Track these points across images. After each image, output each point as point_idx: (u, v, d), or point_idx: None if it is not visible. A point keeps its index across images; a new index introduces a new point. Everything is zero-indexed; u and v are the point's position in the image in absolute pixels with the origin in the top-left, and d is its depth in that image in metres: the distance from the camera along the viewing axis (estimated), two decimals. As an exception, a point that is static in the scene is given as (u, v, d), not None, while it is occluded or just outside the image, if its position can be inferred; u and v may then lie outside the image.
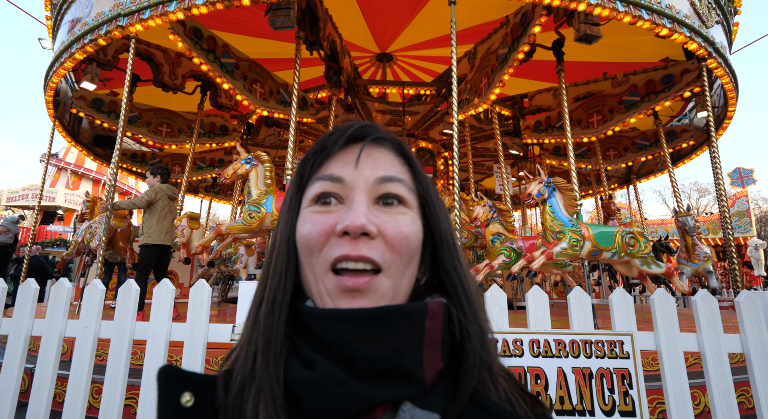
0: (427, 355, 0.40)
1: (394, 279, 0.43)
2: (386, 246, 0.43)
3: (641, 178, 9.11)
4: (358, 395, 0.37)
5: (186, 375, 0.42)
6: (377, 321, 0.40)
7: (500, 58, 5.06)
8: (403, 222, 0.44)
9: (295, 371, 0.39)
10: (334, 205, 0.44)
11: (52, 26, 5.90)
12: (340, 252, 0.42)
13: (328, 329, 0.40)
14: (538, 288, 1.94)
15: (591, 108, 6.85)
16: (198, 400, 0.41)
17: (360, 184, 0.44)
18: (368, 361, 0.39)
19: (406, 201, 0.46)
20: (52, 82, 5.60)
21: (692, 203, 27.00)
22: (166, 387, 0.41)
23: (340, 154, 0.46)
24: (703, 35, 4.55)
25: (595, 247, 3.97)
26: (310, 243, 0.43)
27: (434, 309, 0.42)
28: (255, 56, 6.00)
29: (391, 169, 0.46)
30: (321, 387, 0.37)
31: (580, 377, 1.84)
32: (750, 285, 11.83)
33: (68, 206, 19.96)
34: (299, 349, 0.41)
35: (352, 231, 0.41)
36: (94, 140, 7.94)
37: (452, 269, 0.46)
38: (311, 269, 0.44)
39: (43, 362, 1.90)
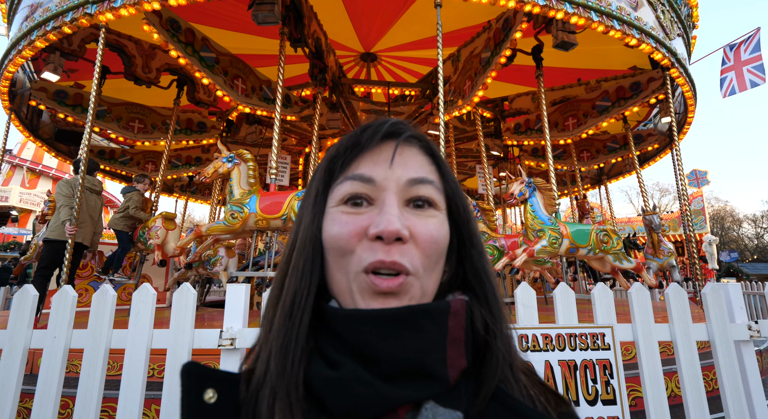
0: (451, 354, 0.40)
1: (422, 281, 0.43)
2: (417, 249, 0.42)
3: (611, 179, 9.58)
4: (383, 395, 0.37)
5: (209, 371, 0.42)
6: (400, 321, 0.39)
7: (483, 61, 5.20)
8: (434, 226, 0.44)
9: (318, 370, 0.39)
10: (365, 207, 0.44)
11: (8, 10, 5.37)
12: (374, 258, 0.41)
13: (351, 330, 0.40)
14: (525, 284, 2.03)
15: (567, 112, 7.15)
16: (221, 397, 0.41)
17: (391, 186, 0.44)
18: (392, 361, 0.39)
19: (436, 203, 0.45)
20: (7, 72, 5.14)
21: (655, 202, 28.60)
22: (189, 384, 0.41)
23: (371, 152, 0.45)
24: (667, 46, 4.86)
25: (572, 244, 4.16)
26: (341, 244, 0.43)
27: (456, 308, 0.42)
28: (237, 51, 5.86)
29: (421, 169, 0.46)
30: (345, 387, 0.37)
31: (566, 369, 1.93)
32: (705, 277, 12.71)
33: (24, 206, 18.69)
34: (323, 349, 0.41)
35: (387, 236, 0.41)
36: (56, 135, 7.46)
37: (481, 269, 0.47)
38: (341, 270, 0.43)
39: (4, 378, 1.74)
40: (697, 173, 16.54)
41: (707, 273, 13.21)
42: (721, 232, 28.58)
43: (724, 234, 29.04)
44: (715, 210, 29.38)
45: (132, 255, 5.89)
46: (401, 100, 7.18)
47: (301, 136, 7.81)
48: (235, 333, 1.71)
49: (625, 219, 17.67)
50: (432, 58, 4.10)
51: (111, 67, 5.71)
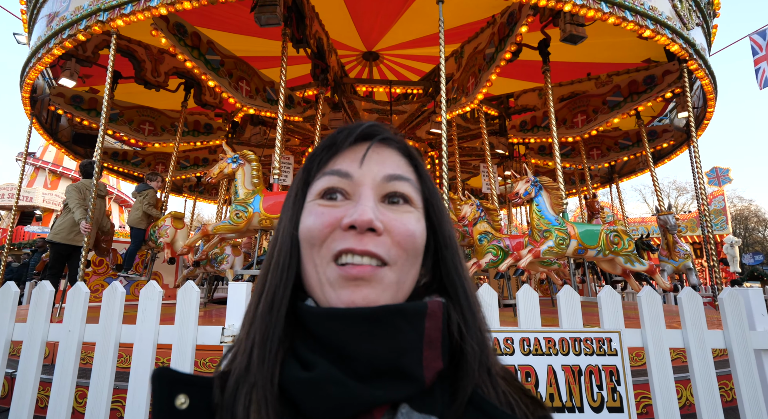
0: (427, 355, 0.40)
1: (399, 275, 0.43)
2: (392, 243, 0.43)
3: (623, 177, 9.31)
4: (356, 395, 0.37)
5: (181, 376, 0.41)
6: (375, 320, 0.39)
7: (487, 57, 5.09)
8: (409, 220, 0.44)
9: (292, 372, 0.39)
10: (341, 200, 0.44)
11: (28, 20, 5.67)
12: (344, 245, 0.41)
13: (325, 328, 0.40)
14: (527, 286, 1.96)
15: (576, 108, 6.96)
16: (193, 402, 0.40)
17: (368, 181, 0.44)
18: (366, 361, 0.38)
19: (412, 200, 0.46)
20: (29, 79, 5.39)
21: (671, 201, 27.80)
22: (160, 390, 0.40)
23: (348, 151, 0.46)
24: (685, 37, 4.67)
25: (580, 245, 4.03)
26: (314, 234, 0.43)
27: (433, 309, 0.42)
28: (241, 54, 5.90)
29: (398, 168, 0.47)
30: (318, 388, 0.37)
31: (570, 374, 1.86)
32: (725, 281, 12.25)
33: (47, 206, 19.38)
34: (297, 350, 0.41)
35: (360, 225, 0.41)
36: (73, 138, 7.69)
37: (454, 270, 0.47)
38: (312, 261, 0.43)
39: (24, 367, 1.86)
40: (718, 171, 15.98)
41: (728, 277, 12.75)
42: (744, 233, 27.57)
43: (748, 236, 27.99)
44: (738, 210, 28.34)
45: (144, 253, 6.04)
46: (403, 99, 7.11)
47: (304, 137, 7.85)
48: (237, 330, 1.72)
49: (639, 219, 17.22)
50: (435, 55, 4.03)
51: (122, 71, 5.86)
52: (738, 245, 13.31)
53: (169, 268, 6.58)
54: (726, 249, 12.82)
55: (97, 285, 5.74)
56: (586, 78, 6.71)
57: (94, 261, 5.95)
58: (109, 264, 6.07)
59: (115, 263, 6.02)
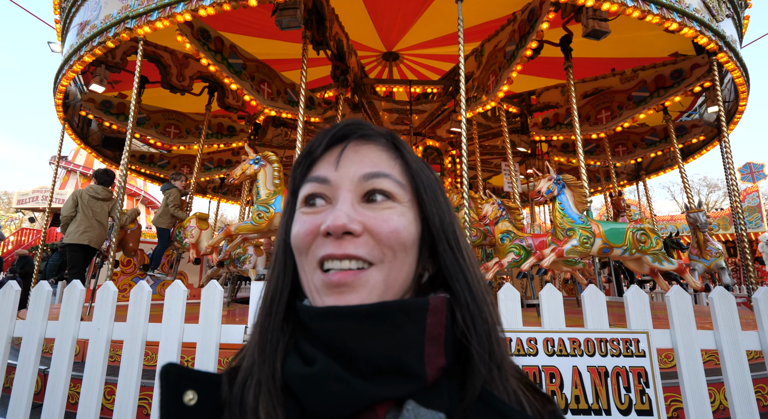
0: (429, 351, 0.39)
1: (386, 273, 0.42)
2: (375, 242, 0.42)
3: (651, 174, 9.00)
4: (357, 392, 0.37)
5: (189, 373, 0.42)
6: (373, 318, 0.39)
7: (508, 55, 5.03)
8: (390, 216, 0.43)
9: (294, 368, 0.39)
10: (321, 206, 0.45)
11: (62, 29, 5.95)
12: (325, 252, 0.42)
13: (324, 327, 0.40)
14: (551, 286, 1.94)
15: (599, 104, 6.78)
16: (201, 398, 0.40)
17: (345, 183, 0.44)
18: (366, 358, 0.38)
19: (394, 195, 0.45)
20: (61, 85, 5.63)
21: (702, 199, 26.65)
22: (168, 386, 0.41)
23: (326, 155, 0.47)
24: (714, 29, 4.48)
25: (605, 244, 3.93)
26: (298, 243, 0.44)
27: (436, 305, 0.41)
28: (262, 57, 6.02)
29: (378, 164, 0.46)
30: (319, 384, 0.37)
31: (596, 376, 1.83)
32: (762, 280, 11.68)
33: (78, 208, 20.07)
34: (299, 346, 0.42)
35: (333, 231, 0.41)
36: (103, 142, 8.02)
37: (452, 264, 0.45)
38: (302, 268, 0.45)
39: (56, 364, 1.90)
40: (752, 166, 15.21)
41: (765, 276, 12.15)
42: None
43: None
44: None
45: (169, 253, 6.24)
46: (423, 98, 7.09)
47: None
48: (258, 329, 1.76)
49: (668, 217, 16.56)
50: (455, 54, 4.01)
51: (149, 77, 6.05)
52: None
53: (194, 268, 6.77)
54: (762, 247, 12.19)
55: (125, 285, 5.93)
56: (610, 73, 6.53)
57: (122, 261, 6.19)
58: (136, 264, 6.28)
59: (142, 263, 6.23)
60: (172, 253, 6.25)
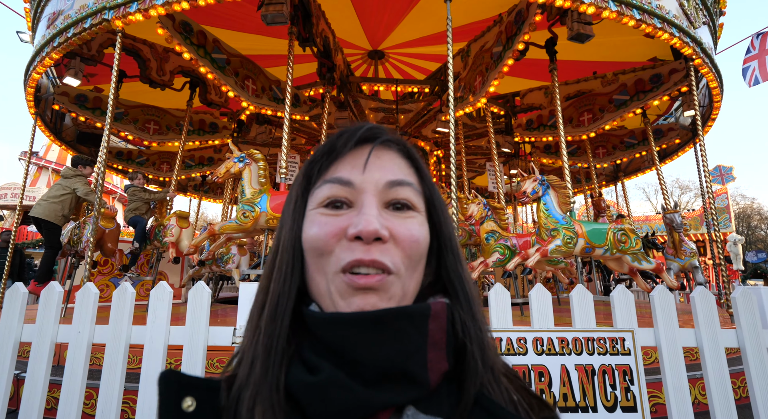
0: (431, 357, 0.40)
1: (403, 281, 0.43)
2: (397, 249, 0.42)
3: (629, 176, 9.29)
4: (362, 399, 0.37)
5: (188, 379, 0.41)
6: (380, 324, 0.39)
7: (495, 56, 5.08)
8: (413, 226, 0.44)
9: (298, 376, 0.39)
10: (344, 209, 0.44)
11: (32, 19, 5.66)
12: (352, 257, 0.41)
13: (331, 333, 0.40)
14: (541, 286, 1.96)
15: (582, 106, 6.94)
16: (200, 405, 0.40)
17: (370, 188, 0.44)
18: (371, 365, 0.38)
19: (415, 205, 0.45)
20: (32, 78, 5.38)
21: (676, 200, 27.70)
22: (167, 393, 0.40)
23: (348, 156, 0.46)
24: (691, 35, 4.65)
25: (588, 244, 4.02)
26: (320, 245, 0.43)
27: (437, 310, 0.42)
28: (247, 52, 5.89)
29: (400, 172, 0.46)
30: (324, 393, 0.37)
31: (583, 374, 1.86)
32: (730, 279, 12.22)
33: (49, 205, 19.29)
34: (302, 354, 0.41)
35: (366, 236, 0.41)
36: (77, 138, 7.68)
37: (454, 271, 0.47)
38: (320, 271, 0.43)
39: (33, 369, 1.85)
40: (722, 169, 15.92)
41: (732, 275, 12.73)
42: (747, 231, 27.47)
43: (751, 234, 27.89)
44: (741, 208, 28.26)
45: (149, 252, 6.05)
46: (409, 98, 7.10)
47: (309, 136, 7.84)
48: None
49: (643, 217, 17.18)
50: (441, 53, 4.02)
51: (127, 70, 5.84)
52: (741, 243, 13.27)
53: (174, 268, 6.59)
54: (729, 247, 12.78)
55: (102, 285, 5.76)
56: (592, 76, 6.69)
57: (99, 261, 5.97)
58: (114, 264, 6.08)
59: (121, 263, 6.04)
60: (152, 252, 6.08)
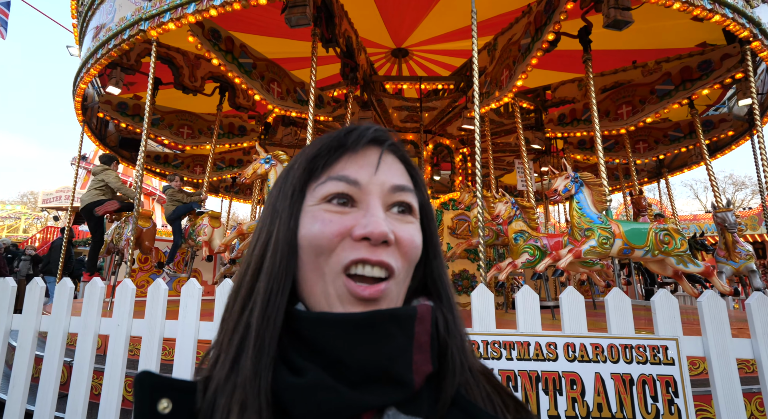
0: (417, 359, 0.40)
1: (400, 285, 0.44)
2: (399, 253, 0.43)
3: (673, 172, 8.66)
4: (348, 401, 0.37)
5: (164, 381, 0.41)
6: (369, 326, 0.39)
7: (522, 48, 4.87)
8: (414, 231, 0.45)
9: (283, 378, 0.38)
10: (348, 207, 0.43)
11: (79, 34, 6.07)
12: (358, 256, 0.41)
13: (319, 334, 0.40)
14: (572, 288, 1.84)
15: (620, 98, 6.53)
16: (176, 407, 0.39)
17: (376, 190, 0.44)
18: (358, 367, 0.38)
19: (414, 210, 0.46)
20: (80, 88, 5.75)
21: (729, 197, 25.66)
22: (142, 394, 0.40)
23: (356, 155, 0.45)
24: (748, 16, 4.24)
25: (626, 245, 3.77)
26: (322, 243, 0.42)
27: (423, 313, 0.42)
28: (272, 56, 6.01)
29: (402, 177, 0.46)
30: (310, 395, 0.37)
31: (620, 383, 1.73)
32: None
33: (98, 207, 20.73)
34: (287, 355, 0.40)
35: (375, 238, 0.41)
36: (120, 143, 8.17)
37: (439, 277, 0.48)
38: (317, 270, 0.42)
39: (80, 358, 2.00)
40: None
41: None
42: (812, 231, 24.99)
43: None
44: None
45: (184, 250, 6.32)
46: (434, 95, 6.97)
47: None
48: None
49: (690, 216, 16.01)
50: (466, 49, 3.89)
51: (162, 78, 6.12)
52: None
53: (207, 266, 6.88)
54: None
55: (143, 282, 6.10)
56: (631, 66, 6.27)
57: (140, 259, 6.31)
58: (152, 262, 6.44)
59: (158, 260, 6.36)
60: (187, 251, 6.36)
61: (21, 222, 25.99)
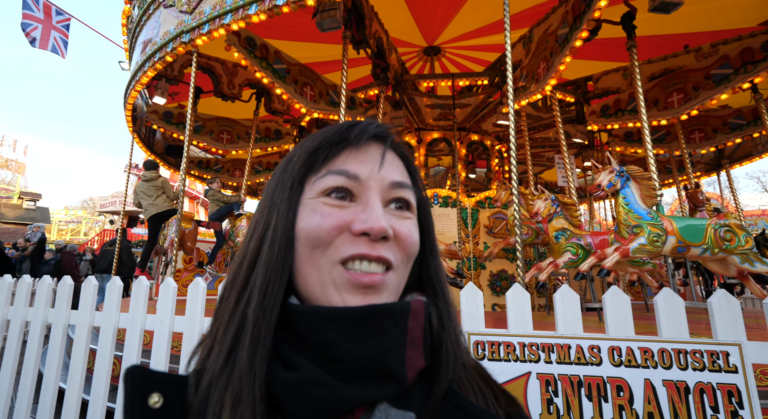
0: (410, 354, 0.40)
1: (399, 279, 0.44)
2: (397, 249, 0.43)
3: (735, 163, 7.90)
4: (341, 396, 0.37)
5: (154, 375, 0.40)
6: (364, 321, 0.39)
7: (560, 38, 4.65)
8: (412, 227, 0.46)
9: (275, 373, 0.38)
10: (347, 201, 0.44)
11: (129, 49, 6.53)
12: (357, 251, 0.41)
13: (314, 328, 0.39)
14: (616, 288, 1.72)
15: (670, 86, 6.06)
16: (167, 401, 0.39)
17: (375, 185, 0.44)
18: (352, 361, 0.38)
19: (412, 207, 0.47)
20: (130, 99, 6.19)
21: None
22: (132, 389, 0.39)
23: (358, 150, 0.45)
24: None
25: (680, 243, 3.47)
26: (320, 235, 0.42)
27: (417, 308, 0.42)
28: (304, 60, 6.15)
29: (401, 174, 0.47)
30: (304, 390, 0.37)
31: (674, 391, 1.60)
32: None
33: (149, 210, 22.34)
34: (279, 349, 0.40)
35: (375, 234, 0.41)
36: (166, 150, 8.71)
37: (435, 274, 0.49)
38: (312, 263, 0.42)
39: (128, 352, 2.12)
40: None
41: None
42: None
43: None
44: None
45: (225, 251, 6.65)
46: (467, 91, 6.83)
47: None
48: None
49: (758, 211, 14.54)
50: (500, 43, 3.78)
51: (203, 87, 6.45)
52: None
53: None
54: None
55: (188, 281, 6.46)
56: (683, 51, 5.81)
57: (184, 259, 6.68)
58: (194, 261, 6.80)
59: (199, 260, 6.71)
60: (228, 252, 6.66)
61: (82, 225, 28.48)
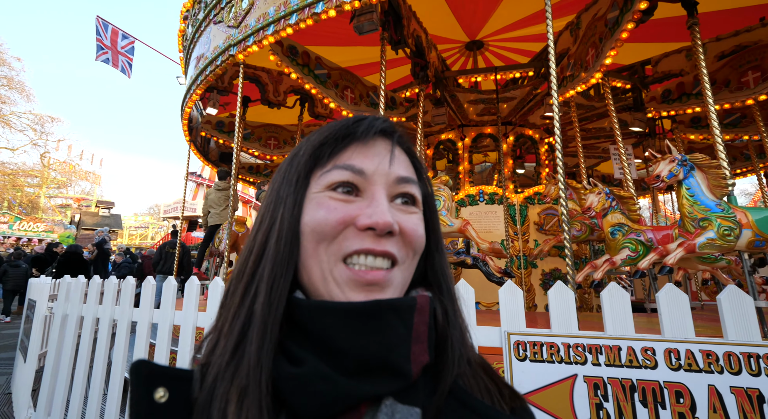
0: (414, 349, 0.40)
1: (405, 274, 0.44)
2: (403, 243, 0.43)
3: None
4: (346, 391, 0.37)
5: (160, 369, 0.40)
6: (369, 315, 0.39)
7: (610, 22, 4.34)
8: (418, 222, 0.45)
9: (281, 367, 0.38)
10: (352, 196, 0.44)
11: (184, 65, 7.10)
12: (362, 246, 0.41)
13: (319, 322, 0.39)
14: (671, 286, 1.59)
15: (744, 64, 5.40)
16: (172, 396, 0.39)
17: (381, 180, 0.44)
18: (357, 356, 0.38)
19: (418, 202, 0.47)
20: (186, 111, 6.72)
21: None
22: (138, 383, 0.39)
23: (364, 145, 0.45)
24: None
25: (758, 236, 3.11)
26: (325, 229, 0.42)
27: (422, 304, 0.42)
28: (345, 64, 6.30)
29: (407, 169, 0.47)
30: (307, 384, 0.37)
31: (744, 399, 1.46)
32: None
33: (206, 215, 24.17)
34: (284, 344, 0.40)
35: (381, 228, 0.41)
36: (220, 157, 9.33)
37: (441, 269, 0.49)
38: (315, 257, 0.42)
39: (182, 347, 2.28)
40: None
41: None
42: None
43: None
44: None
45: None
46: (512, 84, 6.58)
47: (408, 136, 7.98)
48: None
49: None
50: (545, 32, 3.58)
51: (251, 96, 6.84)
52: None
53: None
54: None
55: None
56: (758, 24, 5.17)
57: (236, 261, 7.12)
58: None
59: None
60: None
61: (149, 230, 31.39)
